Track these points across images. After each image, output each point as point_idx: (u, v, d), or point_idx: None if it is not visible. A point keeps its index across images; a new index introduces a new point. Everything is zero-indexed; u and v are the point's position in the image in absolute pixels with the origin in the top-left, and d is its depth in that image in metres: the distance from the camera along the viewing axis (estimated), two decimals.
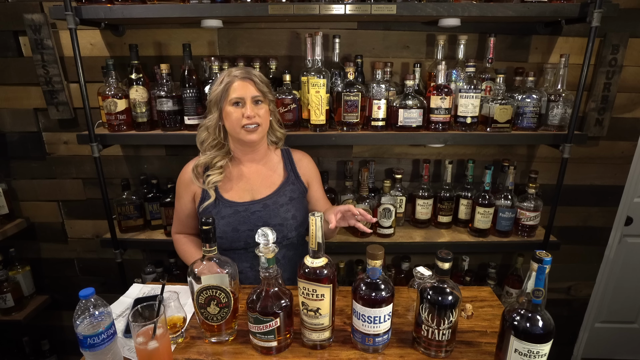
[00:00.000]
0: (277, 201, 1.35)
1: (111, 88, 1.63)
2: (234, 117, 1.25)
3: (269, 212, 1.33)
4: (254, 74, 1.27)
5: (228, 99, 1.25)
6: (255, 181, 1.38)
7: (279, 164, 1.43)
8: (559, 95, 1.67)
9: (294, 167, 1.43)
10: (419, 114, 1.62)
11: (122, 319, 1.16)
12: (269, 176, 1.40)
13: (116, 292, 1.29)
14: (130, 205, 1.85)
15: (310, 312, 1.00)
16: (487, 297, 1.30)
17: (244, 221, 1.32)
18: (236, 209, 1.33)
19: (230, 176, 1.38)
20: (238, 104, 1.25)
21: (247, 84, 1.25)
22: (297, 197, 1.40)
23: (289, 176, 1.41)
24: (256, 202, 1.35)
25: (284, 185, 1.39)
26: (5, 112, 1.95)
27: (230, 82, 1.25)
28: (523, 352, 0.88)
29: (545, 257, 0.84)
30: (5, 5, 1.76)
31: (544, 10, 1.49)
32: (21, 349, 2.20)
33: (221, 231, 1.31)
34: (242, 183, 1.37)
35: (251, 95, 1.25)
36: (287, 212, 1.35)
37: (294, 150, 1.47)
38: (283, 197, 1.37)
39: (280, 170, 1.42)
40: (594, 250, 2.19)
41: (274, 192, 1.37)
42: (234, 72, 1.27)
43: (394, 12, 1.48)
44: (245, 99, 1.25)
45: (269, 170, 1.41)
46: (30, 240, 2.16)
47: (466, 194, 1.87)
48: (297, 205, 1.38)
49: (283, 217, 1.34)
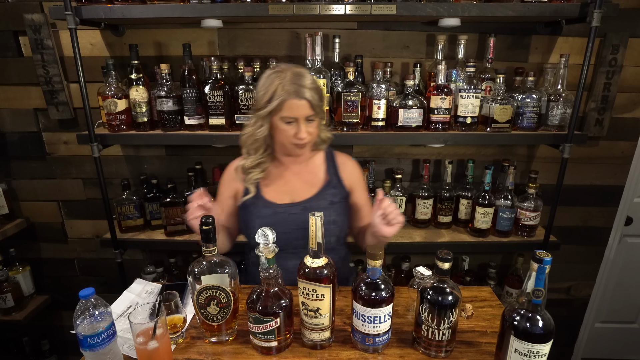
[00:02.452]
0: (318, 205, 1.31)
1: (111, 88, 1.63)
2: (284, 134, 1.21)
3: (308, 215, 1.30)
4: (308, 92, 1.17)
5: (280, 114, 1.19)
6: (295, 183, 1.35)
7: (321, 166, 1.38)
8: (559, 95, 1.67)
9: (336, 171, 1.37)
10: (419, 114, 1.62)
11: (124, 318, 1.16)
12: (310, 179, 1.36)
13: (116, 292, 1.29)
14: (130, 205, 1.85)
15: (310, 312, 1.00)
16: (487, 297, 1.30)
17: (281, 223, 1.27)
18: (275, 209, 1.30)
19: (271, 175, 1.35)
20: (290, 122, 1.20)
21: (301, 104, 1.17)
22: (339, 202, 1.35)
23: (331, 180, 1.36)
24: (296, 204, 1.31)
25: (325, 189, 1.34)
26: (5, 112, 1.95)
27: (284, 100, 1.16)
28: (523, 352, 0.87)
29: (545, 257, 0.84)
30: (5, 5, 1.77)
31: (544, 10, 1.49)
32: (21, 349, 2.20)
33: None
34: (283, 184, 1.35)
35: (305, 116, 1.19)
36: (327, 216, 1.29)
37: (338, 153, 1.42)
38: (323, 201, 1.32)
39: (322, 173, 1.37)
40: (594, 250, 2.19)
41: (314, 195, 1.33)
42: (287, 85, 1.16)
43: (394, 12, 1.48)
44: (298, 119, 1.19)
45: (310, 173, 1.37)
46: (30, 240, 2.17)
47: (466, 194, 1.87)
48: (338, 209, 1.33)
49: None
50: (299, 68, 1.22)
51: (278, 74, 1.19)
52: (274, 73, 1.20)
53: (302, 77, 1.18)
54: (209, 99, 1.60)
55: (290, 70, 1.20)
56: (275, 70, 1.21)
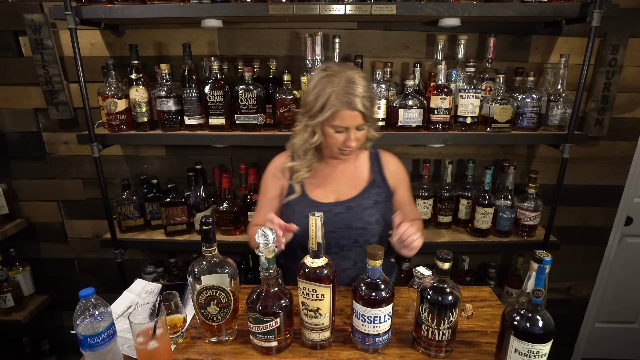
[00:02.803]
0: (362, 204, 1.31)
1: (111, 88, 1.63)
2: (333, 140, 1.22)
3: (353, 214, 1.30)
4: (360, 102, 1.14)
5: (331, 123, 1.18)
6: (340, 182, 1.35)
7: (365, 165, 1.38)
8: (559, 95, 1.67)
9: (381, 170, 1.38)
10: (419, 114, 1.62)
11: (123, 318, 1.16)
12: (355, 177, 1.36)
13: (116, 292, 1.29)
14: (130, 205, 1.85)
15: (310, 312, 1.00)
16: (487, 297, 1.30)
17: (326, 222, 1.25)
18: (320, 209, 1.27)
19: (316, 174, 1.35)
20: (340, 132, 1.20)
21: (354, 115, 1.16)
22: (383, 201, 1.35)
23: (375, 179, 1.36)
24: (340, 203, 1.32)
25: (369, 188, 1.34)
26: (5, 112, 1.95)
27: (336, 111, 1.15)
28: (523, 352, 0.88)
29: (545, 257, 0.84)
30: (5, 5, 1.76)
31: (544, 10, 1.49)
32: (21, 349, 2.20)
33: (302, 230, 1.25)
34: (328, 182, 1.35)
35: (356, 125, 1.19)
36: (370, 215, 1.31)
37: (382, 152, 1.42)
38: (368, 200, 1.32)
39: (367, 172, 1.37)
40: (594, 250, 2.19)
41: (359, 194, 1.33)
42: (340, 95, 1.13)
43: (394, 12, 1.48)
44: (350, 128, 1.19)
45: (355, 172, 1.37)
46: (30, 240, 2.16)
47: (466, 194, 1.87)
48: (382, 209, 1.34)
49: (366, 221, 1.30)
50: (350, 71, 1.18)
51: (330, 78, 1.16)
52: (326, 77, 1.17)
53: (355, 84, 1.15)
54: (209, 99, 1.60)
55: (343, 75, 1.16)
56: (327, 74, 1.17)
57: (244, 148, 1.96)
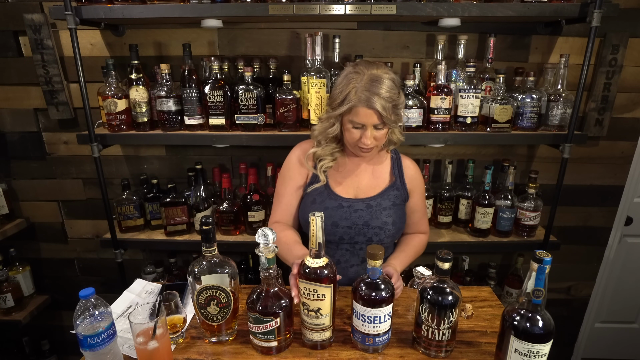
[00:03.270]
0: (381, 204, 1.33)
1: (111, 88, 1.63)
2: (350, 135, 1.23)
3: (372, 213, 1.31)
4: (379, 102, 1.14)
5: (349, 117, 1.20)
6: (362, 179, 1.37)
7: (387, 166, 1.40)
8: (559, 95, 1.67)
9: (401, 173, 1.39)
10: (419, 114, 1.62)
11: (123, 318, 1.16)
12: (376, 177, 1.38)
13: (116, 292, 1.29)
14: (130, 205, 1.85)
15: (311, 313, 1.00)
16: (487, 297, 1.30)
17: (345, 217, 1.30)
18: (341, 203, 1.32)
19: (339, 168, 1.37)
20: (357, 128, 1.21)
21: (369, 113, 1.16)
22: (399, 204, 1.37)
23: (396, 181, 1.38)
24: (361, 200, 1.33)
25: (389, 189, 1.36)
26: (5, 112, 1.95)
27: (354, 106, 1.16)
28: (523, 352, 0.88)
29: (545, 257, 0.84)
30: (5, 5, 1.76)
31: (544, 10, 1.49)
32: (21, 349, 2.20)
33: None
34: (349, 178, 1.36)
35: (372, 124, 1.19)
36: (388, 216, 1.32)
37: (404, 157, 1.43)
38: (387, 200, 1.34)
39: (388, 173, 1.39)
40: (594, 250, 2.19)
41: (379, 194, 1.35)
42: (359, 92, 1.15)
43: (394, 12, 1.48)
44: (366, 126, 1.20)
45: (377, 171, 1.38)
46: (30, 240, 2.16)
47: (466, 194, 1.87)
48: (398, 212, 1.36)
49: (384, 221, 1.31)
50: (378, 70, 1.18)
51: (356, 75, 1.17)
52: (353, 72, 1.19)
53: (378, 83, 1.15)
54: (209, 99, 1.60)
55: (368, 73, 1.17)
56: (355, 70, 1.19)
57: (244, 148, 1.96)
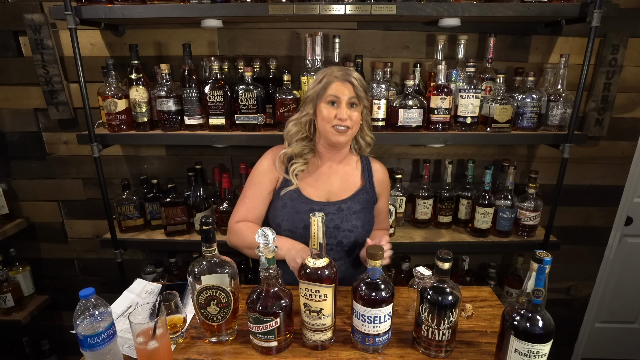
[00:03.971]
0: (352, 207, 1.35)
1: (111, 88, 1.63)
2: (326, 115, 1.26)
3: (342, 216, 1.33)
4: (353, 77, 1.26)
5: (324, 96, 1.25)
6: (333, 182, 1.38)
7: (357, 169, 1.42)
8: (559, 95, 1.67)
9: (371, 177, 1.42)
10: (419, 114, 1.62)
11: (123, 318, 1.16)
12: (346, 180, 1.39)
13: (116, 292, 1.29)
14: (130, 205, 1.85)
15: (313, 313, 1.00)
16: (487, 297, 1.30)
17: None
18: (312, 207, 1.32)
19: (310, 170, 1.38)
20: (333, 104, 1.25)
21: (345, 86, 1.24)
22: (368, 207, 1.40)
23: (366, 185, 1.40)
24: (331, 203, 1.35)
25: (359, 193, 1.38)
26: (5, 112, 1.95)
27: (330, 82, 1.25)
28: (523, 352, 0.88)
29: (545, 257, 0.84)
30: (5, 5, 1.76)
31: (544, 10, 1.49)
32: (21, 349, 2.20)
33: (293, 226, 1.31)
34: (321, 182, 1.38)
35: (347, 97, 1.24)
36: (358, 219, 1.34)
37: (373, 161, 1.46)
38: (357, 204, 1.36)
39: (358, 176, 1.41)
40: (594, 250, 2.19)
41: (350, 197, 1.37)
42: (335, 72, 1.26)
43: (394, 12, 1.48)
44: (341, 99, 1.24)
45: (347, 174, 1.40)
46: (30, 240, 2.16)
47: (466, 194, 1.87)
48: (367, 215, 1.38)
49: (354, 224, 1.33)
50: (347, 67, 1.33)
51: (327, 68, 1.30)
52: (322, 71, 1.30)
53: (349, 70, 1.29)
54: (209, 99, 1.60)
55: (338, 66, 1.33)
56: (324, 69, 1.32)
57: (244, 148, 1.95)
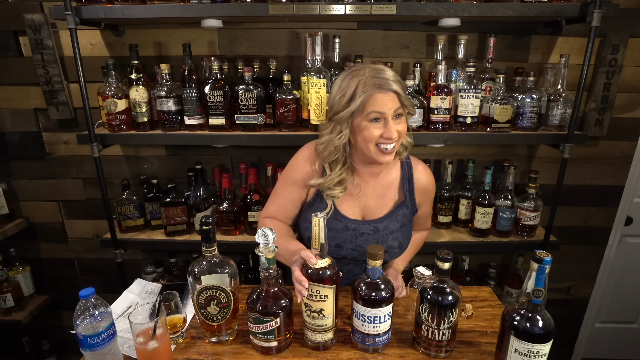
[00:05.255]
0: (388, 227, 1.25)
1: (111, 88, 1.63)
2: (368, 136, 1.09)
3: (378, 237, 1.24)
4: (394, 84, 1.06)
5: (364, 113, 1.07)
6: (370, 199, 1.27)
7: (396, 181, 1.29)
8: (559, 95, 1.67)
9: (411, 187, 1.28)
10: (419, 114, 1.62)
11: (123, 318, 1.16)
12: (384, 195, 1.28)
13: (116, 292, 1.29)
14: (130, 205, 1.85)
15: (313, 314, 1.00)
16: (487, 297, 1.30)
17: (350, 240, 1.24)
18: (347, 225, 1.23)
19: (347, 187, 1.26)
20: (377, 120, 1.08)
21: (388, 96, 1.06)
22: (407, 223, 1.30)
23: (405, 199, 1.28)
24: (367, 222, 1.25)
25: (397, 209, 1.27)
26: (5, 112, 1.95)
27: (369, 95, 1.05)
28: (523, 352, 0.88)
29: (545, 257, 0.84)
30: (5, 5, 1.76)
31: (544, 10, 1.49)
32: (21, 349, 2.20)
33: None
34: (357, 197, 1.27)
35: (393, 110, 1.07)
36: (395, 239, 1.26)
37: (416, 163, 1.31)
38: (395, 222, 1.26)
39: (397, 189, 1.28)
40: (594, 250, 2.19)
41: (387, 214, 1.26)
42: (369, 79, 1.05)
43: (394, 12, 1.47)
44: (386, 114, 1.06)
45: (385, 189, 1.28)
46: (30, 240, 2.16)
47: (466, 194, 1.87)
48: (405, 232, 1.29)
49: (390, 245, 1.25)
50: (376, 64, 1.11)
51: (355, 72, 1.08)
52: (350, 73, 1.09)
53: (382, 70, 1.07)
54: (209, 99, 1.60)
55: (368, 67, 1.09)
56: (351, 71, 1.10)
57: (244, 148, 1.96)
